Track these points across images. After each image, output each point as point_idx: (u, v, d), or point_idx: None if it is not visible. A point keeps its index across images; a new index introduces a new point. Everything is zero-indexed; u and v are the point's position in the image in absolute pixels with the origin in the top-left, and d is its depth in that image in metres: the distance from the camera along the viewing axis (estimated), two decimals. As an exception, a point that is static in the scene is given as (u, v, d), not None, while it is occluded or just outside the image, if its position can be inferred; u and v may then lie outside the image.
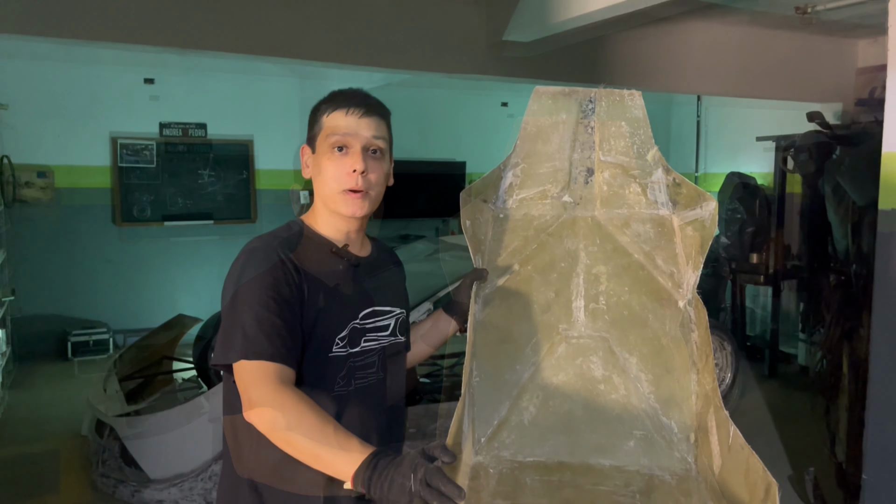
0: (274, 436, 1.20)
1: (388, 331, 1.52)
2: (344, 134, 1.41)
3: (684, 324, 1.67)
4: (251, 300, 1.29)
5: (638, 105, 1.80)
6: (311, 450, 1.16)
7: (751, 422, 5.02)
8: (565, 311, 1.73)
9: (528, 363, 1.70)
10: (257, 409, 1.21)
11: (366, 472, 1.09)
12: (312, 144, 1.47)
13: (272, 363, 1.25)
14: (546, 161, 1.82)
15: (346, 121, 1.42)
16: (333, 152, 1.42)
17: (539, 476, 1.55)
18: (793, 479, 4.00)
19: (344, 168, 1.41)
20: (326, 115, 1.44)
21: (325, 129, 1.43)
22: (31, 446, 4.40)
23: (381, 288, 1.53)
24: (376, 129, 1.43)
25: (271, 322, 1.27)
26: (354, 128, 1.41)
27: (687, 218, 1.75)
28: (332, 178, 1.42)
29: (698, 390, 1.61)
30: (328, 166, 1.42)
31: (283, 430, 1.18)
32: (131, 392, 4.57)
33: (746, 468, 1.31)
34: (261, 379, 1.23)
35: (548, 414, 1.66)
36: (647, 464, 1.59)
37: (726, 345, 5.17)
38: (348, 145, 1.41)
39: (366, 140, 1.42)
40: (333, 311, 1.40)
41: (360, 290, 1.48)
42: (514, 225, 1.82)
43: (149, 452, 3.68)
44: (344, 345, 1.41)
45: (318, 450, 1.15)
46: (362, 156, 1.41)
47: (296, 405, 1.19)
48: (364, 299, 1.47)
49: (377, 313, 1.50)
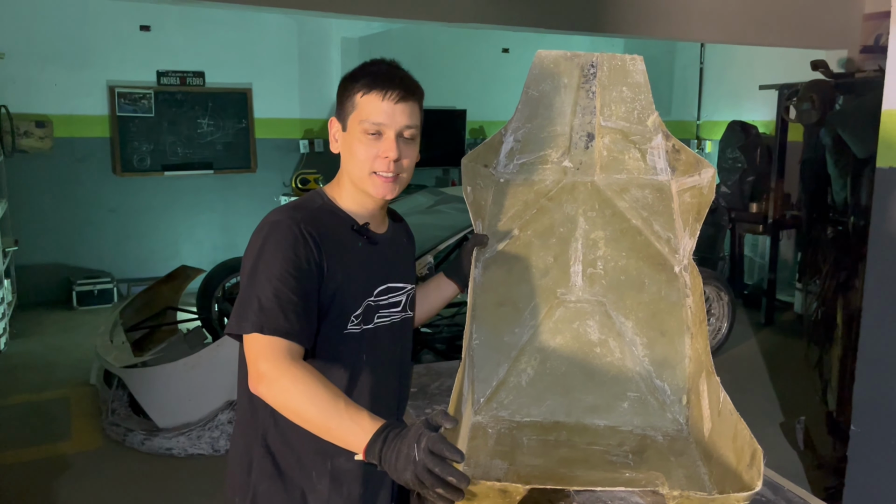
0: (283, 409, 1.23)
1: (400, 307, 1.54)
2: (379, 122, 1.37)
3: (680, 289, 1.71)
4: (270, 274, 1.29)
5: (639, 70, 1.80)
6: (322, 423, 1.19)
7: (745, 369, 5.13)
8: (563, 275, 1.76)
9: (527, 326, 1.75)
10: (265, 383, 1.24)
11: (377, 445, 1.12)
12: (344, 121, 1.43)
13: (285, 339, 1.26)
14: (547, 126, 1.83)
15: (382, 107, 1.37)
16: (366, 136, 1.38)
17: (536, 436, 1.61)
18: (784, 426, 4.11)
19: (376, 152, 1.38)
20: (361, 96, 1.39)
21: (359, 112, 1.39)
22: (41, 394, 4.51)
23: (395, 264, 1.54)
24: (410, 116, 1.40)
25: (288, 298, 1.28)
26: (390, 115, 1.37)
27: (685, 184, 1.77)
28: (364, 160, 1.39)
29: (691, 354, 1.66)
30: (360, 149, 1.39)
31: (294, 404, 1.21)
32: (137, 342, 4.66)
33: (734, 433, 1.36)
34: (271, 354, 1.25)
35: (545, 375, 1.71)
36: (641, 424, 1.64)
37: (723, 295, 5.23)
38: (382, 132, 1.38)
39: (400, 127, 1.38)
40: (350, 290, 1.41)
41: (377, 267, 1.48)
42: (515, 190, 1.83)
43: (157, 402, 3.78)
44: (358, 322, 1.43)
45: (329, 423, 1.18)
46: (396, 142, 1.38)
47: (306, 380, 1.21)
48: (380, 276, 1.48)
49: (391, 290, 1.51)
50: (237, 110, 7.06)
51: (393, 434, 1.13)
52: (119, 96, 6.51)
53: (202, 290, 5.06)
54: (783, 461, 3.70)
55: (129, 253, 6.81)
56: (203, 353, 3.76)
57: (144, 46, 6.59)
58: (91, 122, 6.52)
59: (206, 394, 3.70)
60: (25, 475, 3.53)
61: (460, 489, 1.06)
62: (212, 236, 7.12)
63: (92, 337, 4.80)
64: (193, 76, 6.80)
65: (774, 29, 5.66)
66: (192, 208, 7.05)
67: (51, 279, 6.50)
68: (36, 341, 5.54)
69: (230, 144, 7.09)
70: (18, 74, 6.12)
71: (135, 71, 6.59)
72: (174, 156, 6.86)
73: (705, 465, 1.46)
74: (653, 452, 1.53)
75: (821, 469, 3.54)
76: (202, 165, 6.98)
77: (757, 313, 6.40)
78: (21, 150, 6.03)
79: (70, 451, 3.77)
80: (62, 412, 4.24)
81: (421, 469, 1.06)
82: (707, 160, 1.73)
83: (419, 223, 4.38)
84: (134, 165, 6.69)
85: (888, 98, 2.39)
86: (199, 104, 6.89)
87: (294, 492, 1.43)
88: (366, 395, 1.44)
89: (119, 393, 4.05)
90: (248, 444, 1.45)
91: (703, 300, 1.68)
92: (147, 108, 6.65)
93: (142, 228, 6.86)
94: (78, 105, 6.44)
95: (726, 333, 5.30)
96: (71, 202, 6.52)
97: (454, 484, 1.06)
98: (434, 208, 4.78)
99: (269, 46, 7.01)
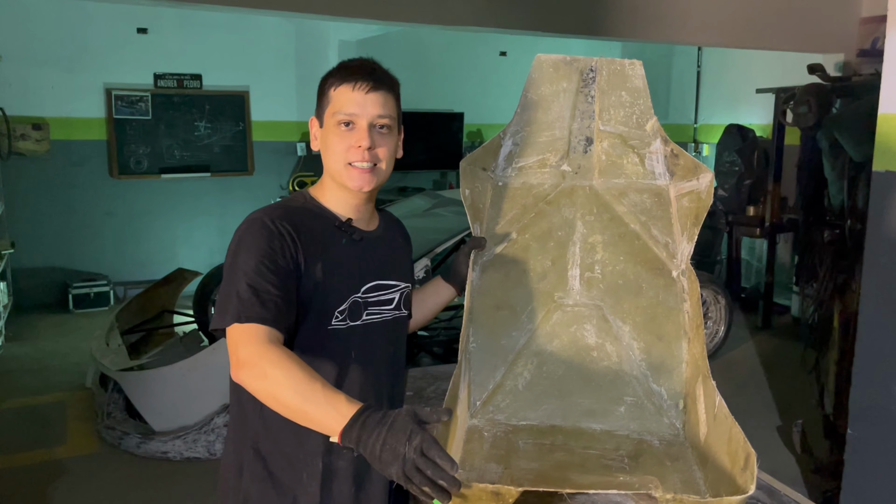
0: (261, 393, 1.22)
1: (393, 304, 1.54)
2: (350, 112, 1.40)
3: (677, 293, 1.71)
4: (247, 268, 1.32)
5: (638, 75, 1.80)
6: (297, 406, 1.17)
7: (743, 373, 5.13)
8: (561, 279, 1.76)
9: (524, 330, 1.74)
10: (245, 368, 1.24)
11: (354, 429, 1.10)
12: (320, 117, 1.46)
13: (262, 325, 1.27)
14: (546, 130, 1.83)
15: (352, 96, 1.40)
16: (339, 127, 1.41)
17: (532, 439, 1.60)
18: (782, 429, 4.11)
19: (349, 142, 1.41)
20: (334, 90, 1.42)
21: (332, 105, 1.42)
22: (37, 398, 4.49)
23: (387, 262, 1.54)
24: (383, 106, 1.42)
25: (265, 288, 1.30)
26: (361, 104, 1.39)
27: (683, 189, 1.77)
28: (339, 152, 1.41)
29: (688, 358, 1.66)
30: (334, 141, 1.42)
31: (270, 386, 1.20)
32: (133, 345, 4.65)
33: (729, 437, 1.36)
34: (249, 339, 1.26)
35: (542, 379, 1.71)
36: (637, 428, 1.64)
37: (720, 298, 5.24)
38: (354, 122, 1.40)
39: (372, 117, 1.40)
40: (332, 285, 1.41)
41: (364, 264, 1.48)
42: (513, 193, 1.83)
43: (153, 405, 3.76)
44: (343, 318, 1.43)
45: (304, 406, 1.16)
46: (368, 132, 1.40)
47: (283, 363, 1.20)
48: (367, 273, 1.48)
49: (381, 287, 1.51)
50: (234, 113, 7.06)
51: (372, 420, 1.10)
52: (116, 99, 6.50)
53: (199, 294, 5.05)
54: (780, 465, 3.70)
55: (126, 256, 6.79)
56: (199, 357, 3.75)
57: (142, 49, 6.58)
58: (88, 125, 6.51)
59: (202, 397, 3.69)
60: (21, 480, 3.51)
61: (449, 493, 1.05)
62: (209, 239, 7.11)
63: (88, 340, 4.79)
64: (191, 79, 6.79)
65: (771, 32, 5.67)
66: (189, 211, 7.04)
67: (47, 282, 6.48)
68: (32, 344, 5.52)
69: (227, 147, 7.08)
70: (15, 77, 6.11)
71: (132, 73, 6.58)
72: (171, 158, 6.85)
73: (701, 470, 1.45)
74: (649, 457, 1.53)
75: (818, 472, 3.53)
76: (199, 168, 6.97)
77: (754, 316, 6.41)
78: (18, 152, 6.02)
79: (66, 455, 3.75)
80: (58, 416, 4.23)
81: (410, 467, 1.05)
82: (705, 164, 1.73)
83: (417, 226, 4.38)
84: (131, 168, 6.68)
85: (884, 102, 2.40)
86: (196, 107, 6.88)
87: (286, 494, 1.43)
88: (355, 393, 1.42)
89: (115, 396, 4.04)
90: (239, 448, 1.46)
91: (700, 304, 1.68)
92: (144, 110, 6.64)
93: (138, 231, 6.85)
94: (75, 108, 6.43)
95: (723, 337, 5.31)
96: (67, 205, 6.51)
97: (445, 488, 1.04)
98: (431, 211, 4.79)
99: (267, 49, 7.00)
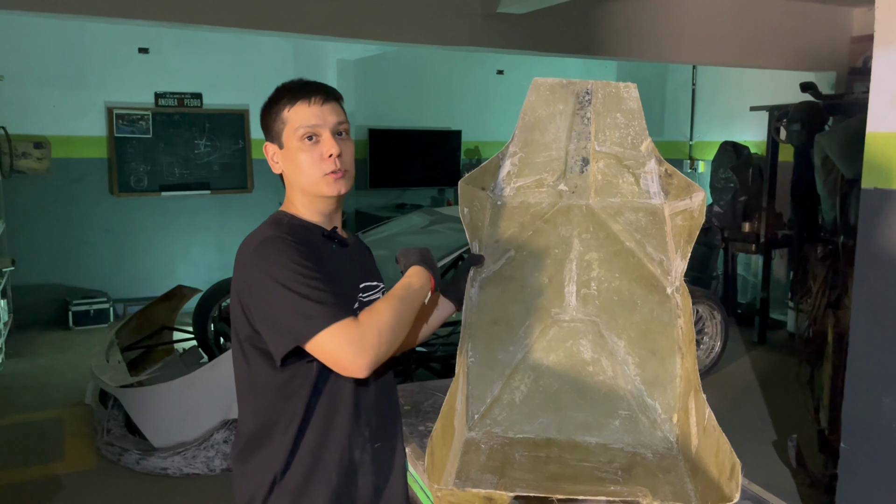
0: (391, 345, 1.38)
1: None
2: (312, 125, 1.47)
3: (671, 310, 1.75)
4: (297, 279, 1.36)
5: (633, 97, 1.85)
6: (409, 317, 1.44)
7: (738, 388, 5.16)
8: (558, 295, 1.80)
9: (521, 345, 1.78)
10: (360, 358, 1.32)
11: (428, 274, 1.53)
12: (278, 141, 1.51)
13: (338, 323, 1.33)
14: (543, 150, 1.88)
15: (310, 111, 1.47)
16: (304, 142, 1.47)
17: (528, 452, 1.63)
18: (777, 444, 4.14)
19: (319, 154, 1.47)
20: (288, 110, 1.48)
21: (291, 123, 1.48)
22: (36, 414, 4.50)
23: (364, 265, 1.65)
24: (339, 114, 1.51)
25: (316, 294, 1.35)
26: (320, 116, 1.47)
27: (677, 208, 1.81)
28: (310, 166, 1.48)
29: (682, 373, 1.69)
30: (303, 157, 1.48)
31: (387, 336, 1.36)
32: (133, 362, 4.67)
33: (717, 448, 1.40)
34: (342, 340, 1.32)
35: (538, 393, 1.75)
36: (631, 442, 1.67)
37: (716, 314, 5.27)
38: (318, 133, 1.47)
39: (333, 125, 1.48)
40: (341, 289, 1.47)
41: (354, 267, 1.59)
42: (511, 212, 1.88)
43: (152, 422, 3.78)
44: None
45: (409, 313, 1.44)
46: (333, 139, 1.48)
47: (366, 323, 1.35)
48: (358, 275, 1.59)
49: (369, 288, 1.61)
50: (234, 131, 7.12)
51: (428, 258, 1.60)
52: (117, 117, 6.56)
53: (198, 310, 5.07)
54: (776, 479, 3.72)
55: (126, 273, 6.82)
56: (199, 373, 3.77)
57: (143, 68, 6.65)
58: (89, 143, 6.56)
59: (201, 413, 3.71)
60: (19, 496, 3.52)
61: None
62: (208, 256, 7.14)
63: (87, 357, 4.80)
64: (191, 97, 6.86)
65: (765, 51, 5.76)
66: (189, 228, 7.08)
67: (47, 299, 6.50)
68: (31, 361, 5.54)
69: (227, 165, 7.14)
70: (17, 96, 6.17)
71: (133, 92, 6.64)
72: (171, 176, 6.90)
73: (692, 482, 1.49)
74: (642, 469, 1.56)
75: (813, 487, 3.56)
76: (199, 186, 7.02)
77: (750, 332, 6.44)
78: (19, 170, 6.06)
79: (64, 471, 3.76)
80: (57, 432, 4.24)
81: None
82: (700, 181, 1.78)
83: (414, 243, 4.42)
84: (131, 186, 6.72)
85: (872, 120, 2.44)
86: (196, 125, 6.94)
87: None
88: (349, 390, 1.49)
89: (115, 413, 4.06)
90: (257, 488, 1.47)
91: (692, 320, 1.72)
92: (145, 129, 6.69)
93: (138, 248, 6.88)
94: (76, 126, 6.48)
95: (719, 352, 5.34)
96: (68, 222, 6.55)
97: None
98: (429, 228, 4.82)
99: (266, 68, 7.07)
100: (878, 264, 2.43)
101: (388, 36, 4.53)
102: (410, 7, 4.51)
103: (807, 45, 5.94)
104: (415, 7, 4.51)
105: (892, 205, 2.38)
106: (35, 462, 3.87)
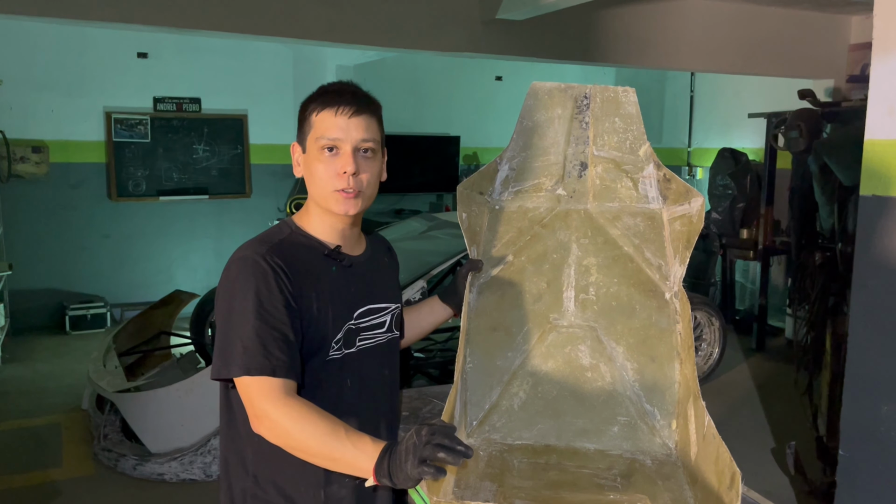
0: (287, 448, 1.25)
1: (385, 327, 1.54)
2: (334, 137, 1.37)
3: (670, 315, 1.74)
4: (246, 312, 1.28)
5: (631, 102, 1.85)
6: (327, 455, 1.22)
7: (737, 395, 5.15)
8: (556, 300, 1.79)
9: (519, 350, 1.77)
10: (264, 425, 1.25)
11: (384, 464, 1.17)
12: (303, 143, 1.43)
13: (273, 378, 1.26)
14: (541, 155, 1.87)
15: (335, 122, 1.37)
16: (323, 153, 1.38)
17: (526, 458, 1.62)
18: (776, 451, 4.13)
19: (334, 169, 1.37)
20: (315, 115, 1.39)
21: (315, 130, 1.39)
22: (33, 420, 4.48)
23: (375, 285, 1.53)
24: (366, 130, 1.38)
25: (269, 334, 1.28)
26: (344, 129, 1.37)
27: (675, 213, 1.81)
28: (323, 178, 1.38)
29: (680, 379, 1.69)
30: (318, 168, 1.38)
31: (295, 444, 1.24)
32: (130, 367, 4.65)
33: (717, 456, 1.39)
34: (266, 394, 1.25)
35: (537, 399, 1.74)
36: (630, 448, 1.66)
37: (714, 320, 5.27)
38: (338, 147, 1.37)
39: (356, 142, 1.37)
40: (328, 316, 1.39)
41: (354, 290, 1.46)
42: (509, 217, 1.87)
43: (149, 427, 3.77)
44: (339, 347, 1.42)
45: (334, 454, 1.21)
46: (353, 157, 1.37)
47: (301, 416, 1.23)
48: (358, 299, 1.47)
49: (373, 311, 1.50)
50: (233, 136, 7.12)
51: (395, 450, 1.17)
52: (115, 122, 6.56)
53: (196, 315, 5.06)
54: (774, 486, 3.72)
55: (123, 278, 6.81)
56: (196, 378, 3.76)
57: (141, 73, 6.66)
58: (87, 148, 6.56)
59: (198, 419, 3.70)
60: (16, 502, 3.50)
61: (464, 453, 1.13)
62: (206, 261, 7.14)
63: (85, 362, 4.79)
64: (190, 102, 6.86)
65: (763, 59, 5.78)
66: (187, 233, 7.08)
67: (44, 304, 6.49)
68: (28, 366, 5.52)
69: (225, 170, 7.14)
70: (15, 100, 6.17)
71: (132, 97, 6.65)
72: (169, 181, 6.90)
73: (691, 489, 1.48)
74: (641, 476, 1.55)
75: (811, 494, 3.55)
76: (197, 191, 7.02)
77: (748, 338, 6.43)
78: (17, 175, 6.07)
79: (61, 477, 3.75)
80: (54, 438, 4.22)
81: (424, 444, 1.13)
82: (698, 187, 1.77)
83: (413, 248, 4.42)
84: (129, 191, 6.72)
85: (870, 128, 2.45)
86: (194, 130, 6.94)
87: None
88: (353, 421, 1.37)
89: (111, 418, 4.04)
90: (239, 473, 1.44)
91: (691, 326, 1.71)
92: (143, 133, 6.70)
93: (136, 253, 6.87)
94: (74, 131, 6.49)
95: (718, 359, 5.33)
96: (66, 227, 6.54)
97: (461, 452, 1.12)
98: (428, 234, 4.82)
99: (265, 74, 7.08)
100: (877, 271, 2.43)
101: (388, 42, 4.53)
102: (410, 13, 4.51)
103: (805, 53, 5.96)
104: (414, 13, 4.52)
105: (890, 212, 2.38)
106: (32, 468, 3.85)
